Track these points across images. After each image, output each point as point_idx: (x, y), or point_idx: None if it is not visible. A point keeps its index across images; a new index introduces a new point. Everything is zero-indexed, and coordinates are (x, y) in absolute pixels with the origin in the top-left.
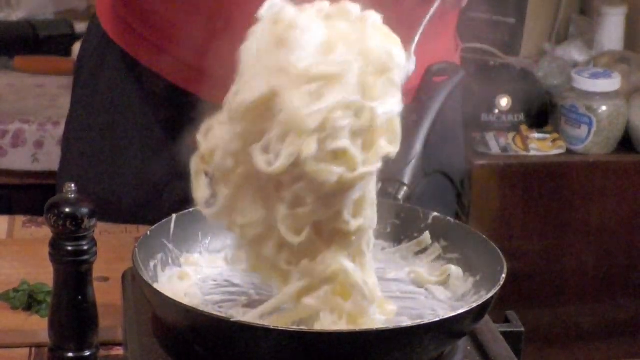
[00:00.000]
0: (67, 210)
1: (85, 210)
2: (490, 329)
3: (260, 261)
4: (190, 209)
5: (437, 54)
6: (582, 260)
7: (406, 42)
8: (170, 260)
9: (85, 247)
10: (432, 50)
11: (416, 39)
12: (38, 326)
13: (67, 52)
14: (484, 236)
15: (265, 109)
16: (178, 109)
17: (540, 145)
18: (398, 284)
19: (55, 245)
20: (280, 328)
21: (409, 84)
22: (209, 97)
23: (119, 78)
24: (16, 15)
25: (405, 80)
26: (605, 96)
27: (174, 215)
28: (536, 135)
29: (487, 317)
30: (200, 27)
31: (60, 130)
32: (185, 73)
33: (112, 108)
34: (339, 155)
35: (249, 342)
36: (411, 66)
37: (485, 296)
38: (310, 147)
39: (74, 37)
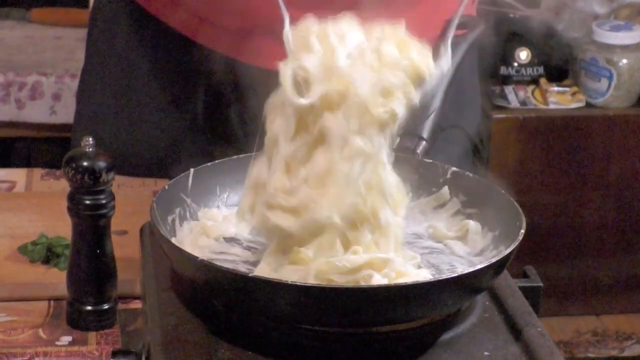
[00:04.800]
0: (85, 164)
1: (103, 164)
2: (509, 284)
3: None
4: (208, 163)
5: (454, 7)
6: (600, 214)
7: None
8: (188, 215)
9: (104, 201)
10: (450, 3)
11: (450, 35)
12: (56, 279)
13: (85, 4)
14: (503, 191)
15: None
16: (193, 62)
17: (560, 99)
18: (416, 239)
19: (73, 199)
20: (298, 283)
21: (429, 36)
22: (223, 50)
23: (133, 30)
24: None
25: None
26: (626, 49)
27: (191, 170)
28: (556, 88)
29: (505, 272)
30: None
31: (78, 82)
32: (198, 26)
33: (127, 61)
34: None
35: (267, 297)
36: (445, 62)
37: (504, 251)
38: None
39: None
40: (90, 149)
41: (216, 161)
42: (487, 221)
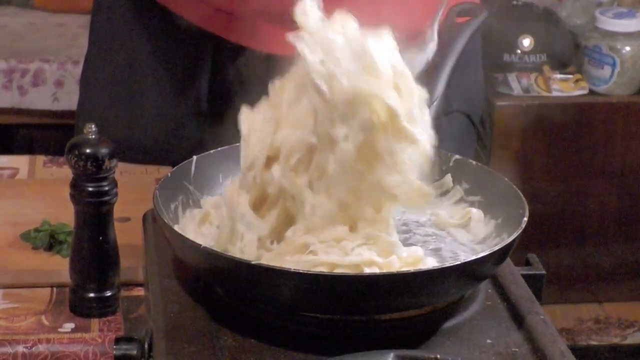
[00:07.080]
0: (88, 151)
1: (105, 151)
2: (512, 272)
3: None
4: (211, 151)
5: None
6: (603, 202)
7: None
8: (191, 202)
9: (106, 188)
10: None
11: (436, 23)
12: (59, 266)
13: None
14: (506, 179)
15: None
16: (197, 48)
17: (563, 86)
18: (419, 227)
19: (76, 186)
20: (301, 271)
21: (426, 23)
22: (228, 35)
23: (136, 17)
24: None
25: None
26: (629, 36)
27: (194, 157)
28: (559, 76)
29: (508, 260)
30: None
31: (80, 69)
32: (201, 10)
33: (131, 47)
34: None
35: (270, 284)
36: (431, 48)
37: (507, 239)
38: None
39: None
40: (93, 136)
41: (219, 148)
42: (489, 209)
